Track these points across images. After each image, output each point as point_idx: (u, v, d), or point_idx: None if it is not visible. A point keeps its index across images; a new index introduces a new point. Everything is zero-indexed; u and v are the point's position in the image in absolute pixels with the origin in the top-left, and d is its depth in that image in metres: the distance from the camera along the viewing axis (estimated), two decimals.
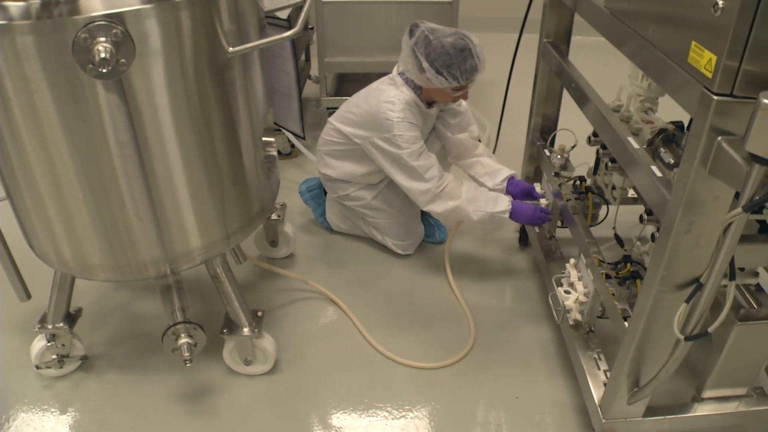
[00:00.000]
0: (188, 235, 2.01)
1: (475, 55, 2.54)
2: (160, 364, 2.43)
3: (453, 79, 2.54)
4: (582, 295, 2.24)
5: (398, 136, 2.59)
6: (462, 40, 2.53)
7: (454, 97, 2.68)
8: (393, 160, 2.66)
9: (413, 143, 2.61)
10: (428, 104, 2.77)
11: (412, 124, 2.62)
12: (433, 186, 2.64)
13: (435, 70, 2.52)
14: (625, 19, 1.82)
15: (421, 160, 2.62)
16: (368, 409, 2.31)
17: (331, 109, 3.81)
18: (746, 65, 1.29)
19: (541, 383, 2.43)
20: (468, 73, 2.56)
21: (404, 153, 2.60)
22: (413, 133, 2.61)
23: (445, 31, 2.57)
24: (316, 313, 2.72)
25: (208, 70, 1.80)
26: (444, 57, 2.51)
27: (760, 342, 1.92)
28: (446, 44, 2.51)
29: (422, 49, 2.53)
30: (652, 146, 2.00)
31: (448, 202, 2.67)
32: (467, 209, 2.67)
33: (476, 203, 2.68)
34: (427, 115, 2.79)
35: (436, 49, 2.52)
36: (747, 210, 1.30)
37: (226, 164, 1.99)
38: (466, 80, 2.58)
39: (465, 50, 2.52)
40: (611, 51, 1.94)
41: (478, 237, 3.21)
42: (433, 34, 2.55)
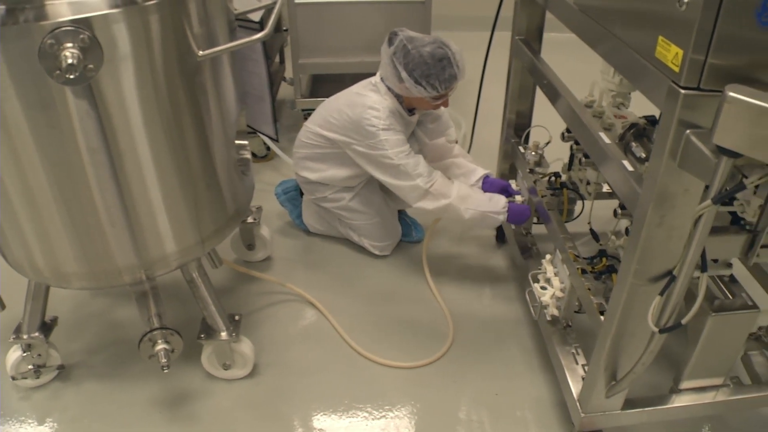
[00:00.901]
0: (163, 240, 2.00)
1: (454, 64, 2.53)
2: (138, 371, 2.41)
3: (432, 89, 2.54)
4: (558, 290, 2.25)
5: (384, 141, 2.58)
6: (441, 48, 2.52)
7: (434, 105, 2.68)
8: (379, 162, 2.65)
9: (399, 146, 2.60)
10: (409, 111, 2.76)
11: (396, 130, 2.61)
12: (422, 182, 2.61)
13: (414, 80, 2.52)
14: (594, 16, 1.83)
15: (408, 159, 2.61)
16: (348, 410, 2.30)
17: (306, 110, 3.80)
18: (712, 59, 1.30)
19: (520, 379, 2.44)
20: (447, 83, 2.55)
21: (390, 153, 2.59)
22: (398, 137, 2.61)
23: (424, 39, 2.55)
24: (294, 316, 2.71)
25: (178, 74, 1.79)
26: (422, 67, 2.50)
27: (735, 332, 1.95)
28: (425, 54, 2.50)
29: (401, 59, 2.52)
30: (623, 141, 2.02)
31: (440, 200, 2.64)
32: (458, 207, 2.64)
33: (468, 202, 2.65)
34: (409, 122, 2.78)
35: (414, 59, 2.51)
36: (716, 202, 1.32)
37: (199, 168, 1.98)
38: (446, 89, 2.57)
39: (444, 59, 2.51)
40: (584, 47, 1.95)
41: (456, 236, 3.22)
42: (411, 43, 2.53)
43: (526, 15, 2.56)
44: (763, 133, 1.20)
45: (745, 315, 1.90)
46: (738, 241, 1.72)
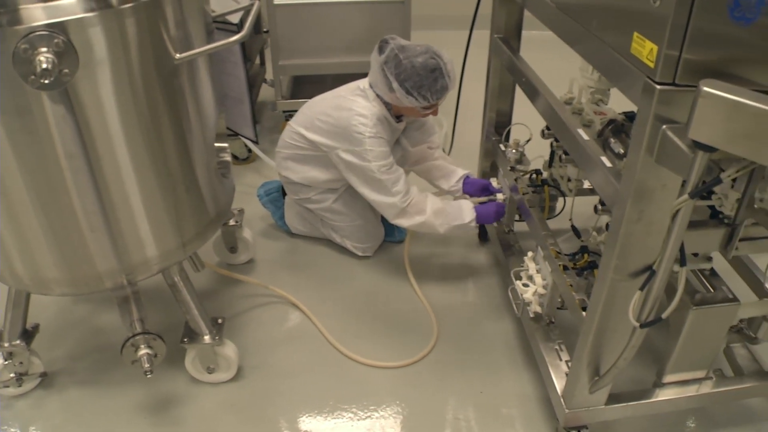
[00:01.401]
0: (143, 244, 1.99)
1: (445, 74, 2.52)
2: (122, 377, 2.40)
3: (423, 100, 2.53)
4: (540, 287, 2.26)
5: (368, 150, 2.57)
6: (433, 59, 2.51)
7: (424, 114, 2.68)
8: (360, 172, 2.64)
9: (383, 159, 2.59)
10: (397, 118, 2.75)
11: (382, 139, 2.60)
12: (399, 200, 2.62)
13: (405, 90, 2.51)
14: (571, 13, 1.83)
15: (389, 174, 2.60)
16: (334, 411, 2.30)
17: (287, 112, 3.79)
18: (686, 54, 1.31)
19: (505, 377, 2.44)
20: (439, 93, 2.55)
21: (373, 166, 2.58)
22: (383, 149, 2.60)
23: (416, 49, 2.54)
24: (278, 318, 2.71)
25: (155, 77, 1.78)
26: (415, 78, 2.49)
27: (716, 325, 1.96)
28: (417, 64, 2.49)
29: (392, 69, 2.51)
30: (602, 137, 2.03)
31: (415, 217, 2.67)
32: (434, 223, 2.67)
33: (441, 217, 2.67)
34: (396, 129, 2.78)
35: (406, 70, 2.49)
36: (693, 196, 1.32)
37: (179, 172, 1.97)
38: (437, 100, 2.57)
39: (436, 70, 2.50)
40: (563, 45, 1.95)
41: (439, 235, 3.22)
42: (403, 52, 2.52)
43: (505, 13, 2.56)
44: (738, 127, 1.21)
45: (725, 308, 1.91)
46: (717, 234, 1.74)
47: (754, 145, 1.22)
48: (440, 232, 2.70)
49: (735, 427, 2.27)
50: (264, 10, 3.78)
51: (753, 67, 1.35)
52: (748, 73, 1.36)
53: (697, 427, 2.27)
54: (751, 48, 1.32)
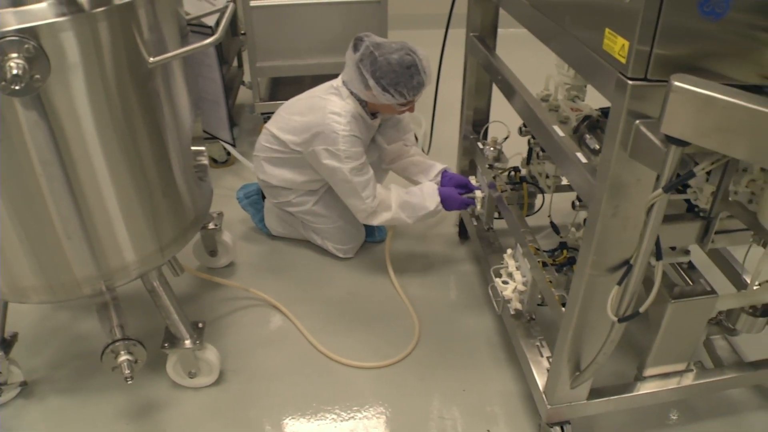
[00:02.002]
0: (121, 250, 1.98)
1: (421, 71, 2.53)
2: (103, 384, 2.38)
3: (400, 96, 2.54)
4: (520, 284, 2.26)
5: (342, 150, 2.57)
6: (409, 55, 2.51)
7: (400, 111, 2.68)
8: (332, 174, 2.65)
9: (356, 159, 2.60)
10: (372, 115, 2.75)
11: (356, 138, 2.60)
12: (367, 205, 2.66)
13: (381, 87, 2.51)
14: (544, 10, 1.84)
15: (359, 177, 2.62)
16: (316, 413, 2.30)
17: (265, 114, 3.78)
18: (657, 49, 1.31)
19: (487, 374, 2.45)
20: (415, 90, 2.55)
21: (345, 168, 2.59)
22: (357, 149, 2.60)
23: (391, 46, 2.54)
24: (259, 321, 2.70)
25: (130, 81, 1.77)
26: (391, 75, 2.50)
27: (695, 318, 1.97)
28: (392, 61, 2.49)
29: (368, 66, 2.51)
30: (577, 133, 2.03)
31: (383, 214, 2.71)
32: (401, 216, 2.71)
33: (408, 209, 2.71)
34: (371, 126, 2.78)
35: (382, 67, 2.49)
36: (667, 191, 1.33)
37: (155, 176, 1.95)
38: (413, 96, 2.58)
39: (412, 67, 2.51)
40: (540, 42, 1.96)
41: (419, 233, 3.23)
42: (378, 49, 2.52)
43: (480, 11, 2.56)
44: (709, 121, 1.22)
45: (704, 300, 1.93)
46: (693, 228, 1.75)
47: (725, 139, 1.23)
48: (409, 223, 2.74)
49: (717, 419, 2.29)
50: (240, 12, 3.77)
51: (723, 61, 1.37)
52: (719, 67, 1.37)
53: (680, 420, 2.29)
54: (721, 42, 1.34)
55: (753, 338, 2.23)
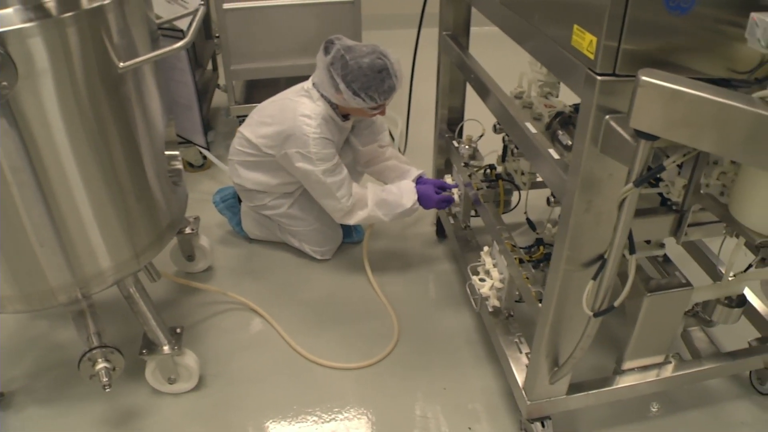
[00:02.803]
0: (96, 256, 1.96)
1: (392, 74, 2.52)
2: (83, 393, 2.36)
3: (371, 101, 2.53)
4: (497, 281, 2.27)
5: (313, 152, 2.56)
6: (380, 59, 2.51)
7: (371, 114, 2.68)
8: (306, 175, 2.64)
9: (328, 160, 2.58)
10: (343, 117, 2.74)
11: (327, 140, 2.59)
12: (343, 205, 2.66)
13: (352, 92, 2.50)
14: (514, 8, 1.85)
15: (333, 177, 2.61)
16: (297, 415, 2.29)
17: (241, 117, 3.76)
18: (625, 44, 1.33)
19: (468, 372, 2.45)
20: (386, 94, 2.55)
21: (318, 170, 2.58)
22: (328, 150, 2.59)
23: (362, 49, 2.53)
24: (239, 325, 2.69)
25: (100, 86, 1.76)
26: (362, 79, 2.49)
27: (671, 310, 1.99)
28: (363, 65, 2.48)
29: (339, 70, 2.50)
30: (550, 130, 2.04)
31: (358, 213, 2.70)
32: (377, 214, 2.71)
33: (384, 207, 2.70)
34: (342, 128, 2.77)
35: (353, 71, 2.48)
36: (638, 185, 1.34)
37: (128, 181, 1.94)
38: (384, 100, 2.57)
39: (383, 71, 2.50)
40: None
41: (397, 233, 3.23)
42: (349, 53, 2.50)
43: (452, 10, 2.57)
44: (677, 115, 1.23)
45: (679, 293, 1.95)
46: (666, 221, 1.76)
47: (693, 132, 1.24)
48: (386, 221, 2.74)
49: (696, 409, 2.32)
50: (214, 15, 3.75)
51: (691, 55, 1.38)
52: (687, 61, 1.39)
53: (661, 411, 2.31)
54: (687, 36, 1.35)
55: (730, 329, 2.24)
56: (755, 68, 1.40)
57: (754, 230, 1.53)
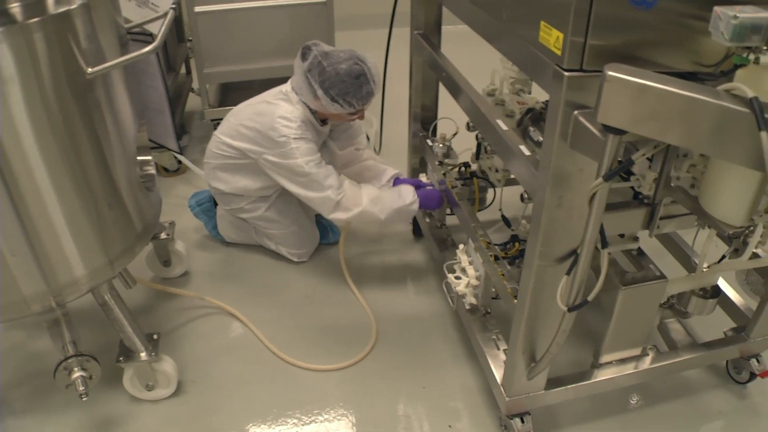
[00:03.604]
0: (69, 264, 1.94)
1: (370, 80, 2.51)
2: (61, 403, 2.34)
3: (349, 106, 2.52)
4: (473, 278, 2.27)
5: (295, 149, 2.53)
6: (357, 65, 2.49)
7: (350, 119, 2.67)
8: (290, 172, 2.60)
9: (310, 154, 2.56)
10: (322, 122, 2.73)
11: (308, 139, 2.58)
12: (333, 194, 2.58)
13: (330, 98, 2.49)
14: (483, 6, 1.85)
15: (318, 168, 2.57)
16: (277, 419, 2.29)
17: (215, 120, 3.75)
18: (591, 40, 1.34)
19: (447, 370, 2.46)
20: (364, 100, 2.54)
21: (301, 161, 2.54)
22: (309, 146, 2.57)
23: (339, 55, 2.51)
24: (217, 329, 2.67)
25: (69, 92, 1.74)
26: (339, 85, 2.47)
27: (646, 303, 2.01)
28: (341, 71, 2.47)
29: (316, 77, 2.49)
30: (521, 126, 2.05)
31: (353, 209, 2.62)
32: (373, 211, 2.63)
33: (380, 203, 2.65)
34: (321, 132, 2.76)
35: (330, 77, 2.47)
36: (607, 179, 1.35)
37: (100, 188, 1.93)
38: (362, 106, 2.56)
39: (361, 76, 2.49)
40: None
41: (374, 233, 3.24)
42: (327, 59, 2.49)
43: (423, 9, 2.57)
44: (643, 109, 1.24)
45: (654, 286, 1.96)
46: (638, 215, 1.77)
47: (660, 126, 1.25)
48: (381, 218, 2.65)
49: (675, 400, 2.35)
50: (186, 18, 3.73)
51: (657, 49, 1.39)
52: (654, 55, 1.40)
53: (640, 403, 2.33)
54: (653, 31, 1.36)
55: (705, 319, 2.27)
56: (720, 61, 1.42)
57: (723, 221, 1.54)
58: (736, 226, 1.53)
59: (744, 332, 2.24)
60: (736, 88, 1.22)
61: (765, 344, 2.26)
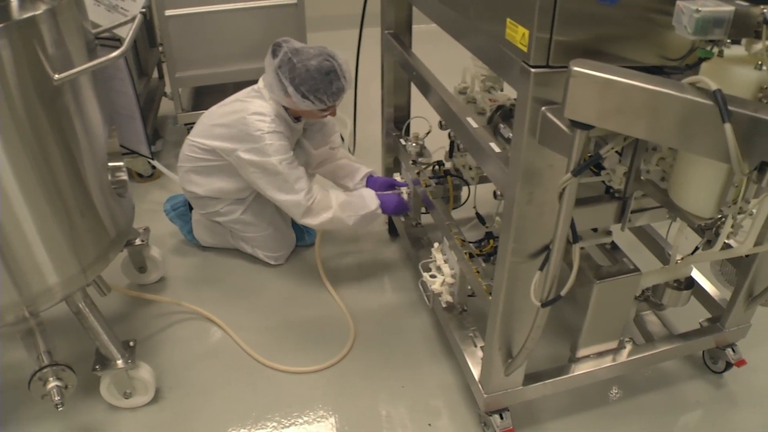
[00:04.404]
0: (42, 273, 1.93)
1: (341, 76, 2.51)
2: (38, 413, 2.30)
3: (320, 103, 2.51)
4: (449, 276, 2.28)
5: (268, 145, 2.53)
6: (327, 61, 2.49)
7: (322, 116, 2.66)
8: (263, 170, 2.59)
9: (283, 153, 2.56)
10: (295, 119, 2.73)
11: (282, 134, 2.57)
12: (303, 198, 2.59)
13: (301, 94, 2.48)
14: (451, 4, 1.85)
15: (290, 169, 2.57)
16: (257, 422, 2.28)
17: (189, 125, 3.72)
18: (557, 36, 1.34)
19: (426, 368, 2.46)
20: (335, 96, 2.53)
21: (274, 159, 2.54)
22: (283, 143, 2.57)
23: (309, 51, 2.51)
24: (194, 334, 2.66)
25: (36, 99, 1.73)
26: (310, 82, 2.47)
27: (621, 296, 2.02)
28: (311, 68, 2.46)
29: (286, 73, 2.48)
30: (492, 124, 2.06)
31: (323, 214, 2.64)
32: (341, 216, 2.65)
33: (349, 209, 2.66)
34: (294, 129, 2.75)
35: (301, 74, 2.46)
36: (576, 174, 1.35)
37: (71, 195, 1.91)
38: (333, 102, 2.56)
39: (331, 72, 2.49)
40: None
41: (350, 234, 3.24)
42: (297, 56, 2.49)
43: (393, 9, 2.57)
44: (609, 104, 1.24)
45: (628, 279, 1.97)
46: (610, 209, 1.78)
47: (626, 120, 1.25)
48: (349, 224, 2.68)
49: (653, 391, 2.37)
50: (157, 22, 3.71)
51: (623, 44, 1.40)
52: (619, 50, 1.41)
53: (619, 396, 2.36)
54: (618, 26, 1.37)
55: (681, 311, 2.28)
56: (686, 55, 1.43)
57: (692, 213, 1.55)
58: (705, 217, 1.54)
59: (719, 322, 2.26)
60: (700, 81, 1.23)
61: (740, 334, 2.29)
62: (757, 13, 1.24)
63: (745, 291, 2.13)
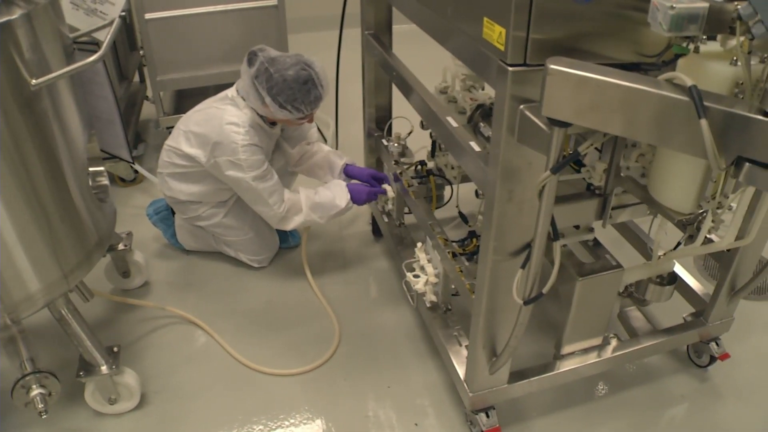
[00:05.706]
0: (23, 279, 1.91)
1: (318, 85, 2.50)
2: (22, 421, 2.29)
3: (297, 112, 2.51)
4: (432, 276, 2.28)
5: (243, 160, 2.52)
6: (304, 70, 2.48)
7: (299, 123, 2.66)
8: (237, 182, 2.61)
9: (258, 167, 2.55)
10: (271, 124, 2.72)
11: (257, 146, 2.56)
12: (276, 211, 2.64)
13: (278, 104, 2.47)
14: (429, 4, 1.85)
15: (264, 183, 2.58)
16: (243, 426, 2.27)
17: (171, 128, 3.69)
18: (534, 34, 1.35)
19: (411, 368, 2.46)
20: (313, 104, 2.53)
21: (248, 177, 2.55)
22: (258, 157, 2.56)
23: (286, 61, 2.49)
24: (179, 339, 2.65)
25: (13, 105, 1.71)
26: (287, 92, 2.46)
27: (604, 293, 2.02)
28: (288, 77, 2.45)
29: (263, 83, 2.46)
30: (472, 122, 2.06)
31: (294, 218, 2.69)
32: (313, 217, 2.70)
33: (319, 210, 2.69)
34: (271, 134, 2.74)
35: (278, 84, 2.45)
36: (555, 172, 1.36)
37: (51, 200, 1.90)
38: (311, 110, 2.55)
39: (308, 81, 2.47)
40: None
41: (334, 234, 3.24)
42: (273, 65, 2.47)
43: (373, 10, 2.57)
44: (585, 101, 1.25)
45: (610, 275, 1.98)
46: (591, 206, 1.79)
47: (602, 117, 1.26)
48: (321, 222, 2.74)
49: (638, 386, 2.39)
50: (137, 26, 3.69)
51: (599, 41, 1.41)
52: (596, 47, 1.41)
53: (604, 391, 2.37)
54: (594, 23, 1.38)
55: (665, 306, 2.29)
56: (662, 51, 1.44)
57: (672, 209, 1.56)
58: (685, 213, 1.55)
59: (702, 317, 2.27)
60: (675, 77, 1.23)
61: (723, 327, 2.30)
62: (732, 9, 1.25)
63: (728, 285, 2.15)
